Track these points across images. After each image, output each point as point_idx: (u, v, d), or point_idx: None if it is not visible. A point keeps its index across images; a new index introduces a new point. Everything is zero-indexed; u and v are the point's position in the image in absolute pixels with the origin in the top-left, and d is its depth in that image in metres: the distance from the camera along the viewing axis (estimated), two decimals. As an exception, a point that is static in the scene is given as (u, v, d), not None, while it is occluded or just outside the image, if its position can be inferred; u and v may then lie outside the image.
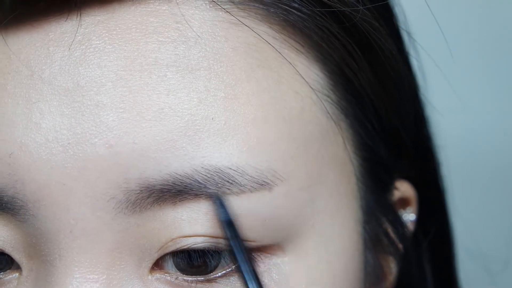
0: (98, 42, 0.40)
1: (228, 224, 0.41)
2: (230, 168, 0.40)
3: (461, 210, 0.61)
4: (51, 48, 0.41)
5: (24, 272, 0.42)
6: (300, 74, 0.43)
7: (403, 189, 0.53)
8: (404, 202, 0.54)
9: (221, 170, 0.40)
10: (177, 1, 0.42)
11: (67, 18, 0.41)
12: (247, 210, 0.41)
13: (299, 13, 0.43)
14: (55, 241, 0.40)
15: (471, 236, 0.61)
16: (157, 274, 0.41)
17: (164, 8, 0.41)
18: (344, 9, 0.43)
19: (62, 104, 0.40)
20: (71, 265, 0.40)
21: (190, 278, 0.41)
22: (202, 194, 0.40)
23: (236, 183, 0.40)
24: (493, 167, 0.85)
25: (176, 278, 0.41)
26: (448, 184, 0.59)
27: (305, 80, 0.44)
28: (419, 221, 0.55)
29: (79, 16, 0.41)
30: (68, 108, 0.40)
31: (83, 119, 0.40)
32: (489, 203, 0.84)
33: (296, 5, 0.43)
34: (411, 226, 0.55)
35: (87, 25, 0.41)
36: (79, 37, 0.41)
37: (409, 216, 0.54)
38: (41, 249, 0.41)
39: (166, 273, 0.41)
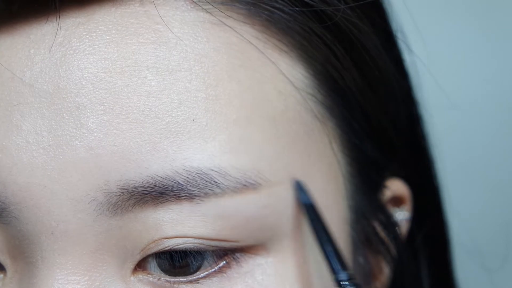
0: (78, 44, 0.40)
1: (309, 207, 0.41)
2: (212, 170, 0.40)
3: (457, 208, 0.60)
4: (32, 50, 0.41)
5: (9, 273, 0.42)
6: (283, 73, 0.43)
7: (396, 187, 0.53)
8: (397, 201, 0.53)
9: (203, 172, 0.40)
10: (158, 2, 0.41)
11: (47, 20, 0.41)
12: (230, 210, 0.41)
13: (281, 13, 0.43)
14: (37, 243, 0.40)
15: (468, 234, 0.60)
16: (140, 275, 0.41)
17: (145, 9, 0.41)
18: (325, 8, 0.43)
19: (42, 106, 0.40)
20: (53, 267, 0.40)
21: (172, 279, 0.41)
22: (184, 195, 0.40)
23: (219, 184, 0.40)
24: (489, 164, 0.85)
25: (159, 279, 0.41)
26: (444, 182, 0.59)
27: (289, 80, 0.43)
28: (414, 219, 0.55)
29: (58, 18, 0.41)
30: (49, 110, 0.40)
31: (63, 121, 0.40)
32: (486, 201, 0.84)
33: (277, 5, 0.43)
34: (405, 225, 0.54)
35: (68, 27, 0.41)
36: (60, 39, 0.41)
37: (402, 214, 0.54)
38: (24, 250, 0.41)
39: (148, 274, 0.42)
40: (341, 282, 0.41)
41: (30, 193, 0.40)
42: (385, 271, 0.53)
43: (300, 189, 0.42)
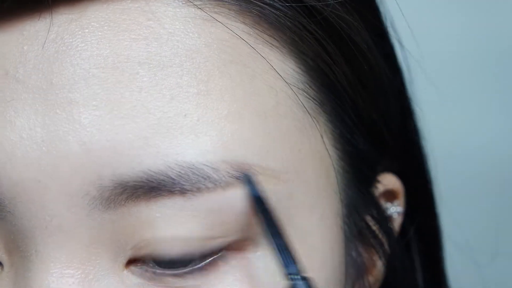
0: (71, 40, 0.41)
1: (258, 200, 0.41)
2: (205, 164, 0.41)
3: (448, 203, 0.61)
4: (25, 47, 0.41)
5: (5, 268, 0.42)
6: (274, 69, 0.44)
7: (388, 182, 0.53)
8: (390, 195, 0.54)
9: (195, 167, 0.40)
10: None
11: (40, 17, 0.41)
12: (222, 205, 0.41)
13: (271, 8, 0.43)
14: (31, 237, 0.41)
15: (458, 229, 0.61)
16: (132, 267, 0.42)
17: (137, 5, 0.42)
18: (314, 3, 0.43)
19: (36, 102, 0.40)
20: (47, 261, 0.41)
21: (166, 271, 0.42)
22: (176, 190, 0.40)
23: (211, 178, 0.41)
24: (481, 159, 0.85)
25: (153, 272, 0.42)
26: (435, 177, 0.59)
27: (280, 75, 0.44)
28: (407, 214, 0.55)
29: (51, 15, 0.41)
30: (42, 106, 0.40)
31: (56, 117, 0.40)
32: (477, 196, 0.84)
33: (268, 1, 0.43)
34: (398, 219, 0.55)
35: (61, 23, 0.41)
36: (53, 35, 0.41)
37: (396, 209, 0.54)
38: (19, 245, 0.41)
39: (142, 266, 0.42)
40: (290, 276, 0.40)
41: (24, 188, 0.40)
42: (378, 265, 0.53)
43: (249, 182, 0.41)
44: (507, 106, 0.86)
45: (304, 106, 0.45)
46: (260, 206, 0.41)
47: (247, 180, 0.42)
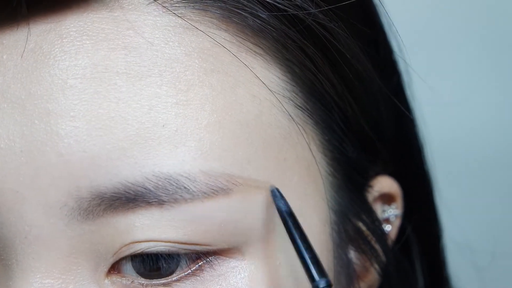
0: (49, 49, 0.41)
1: (286, 214, 0.42)
2: (182, 175, 0.40)
3: (448, 204, 0.60)
4: (5, 56, 0.41)
5: None
6: (258, 77, 0.43)
7: (384, 185, 0.52)
8: (387, 198, 0.53)
9: (173, 178, 0.40)
10: (129, 7, 0.41)
11: (18, 27, 0.41)
12: (201, 215, 0.41)
13: (254, 17, 0.43)
14: (11, 247, 0.41)
15: (458, 230, 0.60)
16: (114, 278, 0.42)
17: (116, 14, 0.41)
18: (296, 12, 0.42)
19: (15, 112, 0.40)
20: (28, 270, 0.41)
21: (146, 282, 0.42)
22: (154, 201, 0.40)
23: (188, 190, 0.40)
24: (480, 160, 0.84)
25: (132, 282, 0.42)
26: (435, 178, 0.59)
27: (264, 83, 0.43)
28: (407, 216, 0.55)
29: (27, 25, 0.41)
30: (21, 116, 0.40)
31: (34, 127, 0.40)
32: (477, 197, 0.83)
33: (250, 10, 0.42)
34: (396, 221, 0.54)
35: (40, 33, 0.41)
36: (32, 45, 0.41)
37: (393, 212, 0.54)
38: (0, 253, 0.42)
39: (122, 276, 0.42)
40: None
41: (4, 198, 0.40)
42: (371, 270, 0.52)
43: (277, 196, 0.42)
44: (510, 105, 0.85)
45: (290, 114, 0.44)
46: (288, 220, 0.42)
47: (275, 193, 0.42)
